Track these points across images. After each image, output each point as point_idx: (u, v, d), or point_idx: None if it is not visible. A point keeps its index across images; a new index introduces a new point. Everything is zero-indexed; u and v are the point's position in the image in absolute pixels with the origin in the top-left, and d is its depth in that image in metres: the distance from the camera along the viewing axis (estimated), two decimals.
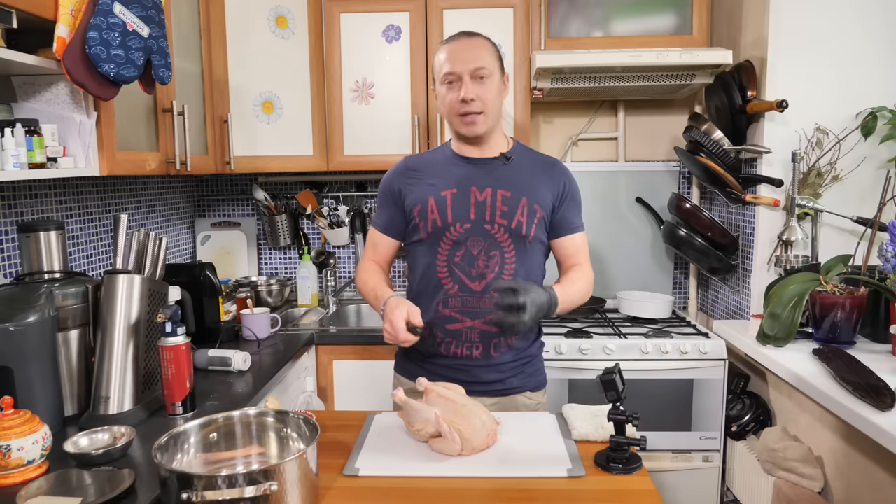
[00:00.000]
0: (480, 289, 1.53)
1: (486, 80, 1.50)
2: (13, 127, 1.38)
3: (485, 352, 1.55)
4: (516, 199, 1.53)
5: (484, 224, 1.52)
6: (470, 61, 1.49)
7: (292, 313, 2.62)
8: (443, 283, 1.54)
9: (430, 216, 1.54)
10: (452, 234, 1.53)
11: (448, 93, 1.52)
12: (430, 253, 1.56)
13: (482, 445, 1.25)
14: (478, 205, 1.53)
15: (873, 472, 1.56)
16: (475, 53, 1.50)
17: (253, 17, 2.38)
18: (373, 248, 1.67)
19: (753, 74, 2.21)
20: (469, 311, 1.54)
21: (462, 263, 1.53)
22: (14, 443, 1.15)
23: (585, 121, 2.79)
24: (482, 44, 1.53)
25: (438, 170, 1.59)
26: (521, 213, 1.53)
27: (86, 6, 1.42)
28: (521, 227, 1.53)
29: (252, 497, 0.94)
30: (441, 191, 1.55)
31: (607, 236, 2.78)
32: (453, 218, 1.53)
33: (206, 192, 2.89)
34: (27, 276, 1.49)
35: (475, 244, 1.53)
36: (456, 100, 1.51)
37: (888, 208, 2.08)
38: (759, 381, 2.22)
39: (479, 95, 1.50)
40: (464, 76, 1.49)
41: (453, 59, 1.50)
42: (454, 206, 1.53)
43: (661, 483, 2.25)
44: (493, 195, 1.53)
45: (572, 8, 2.44)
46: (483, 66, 1.49)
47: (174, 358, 1.48)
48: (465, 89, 1.49)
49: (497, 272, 1.53)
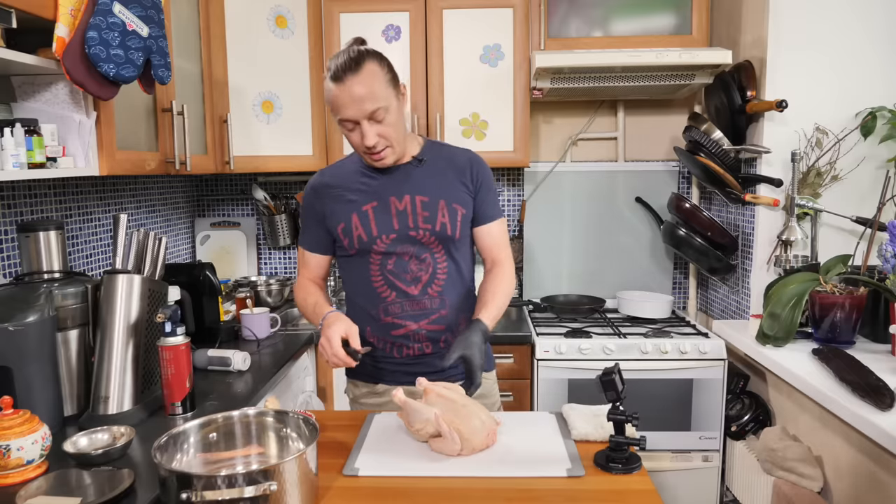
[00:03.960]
0: (418, 292, 1.53)
1: (385, 116, 1.42)
2: (13, 127, 1.38)
3: (435, 347, 1.57)
4: (434, 203, 1.52)
5: (409, 231, 1.52)
6: (362, 104, 1.38)
7: (292, 313, 2.62)
8: (379, 292, 1.54)
9: (354, 232, 1.52)
10: (380, 247, 1.52)
11: (349, 133, 1.45)
12: (361, 265, 1.55)
13: (482, 446, 1.25)
14: (399, 214, 1.51)
15: (873, 472, 1.56)
16: (366, 92, 1.38)
17: (252, 17, 2.38)
18: (305, 267, 1.64)
19: (753, 74, 2.21)
20: (410, 315, 1.54)
21: (396, 271, 1.53)
22: (13, 443, 1.15)
23: (585, 121, 2.79)
24: (370, 74, 1.39)
25: (354, 183, 1.55)
26: (442, 214, 1.52)
27: (85, 6, 1.42)
28: (446, 228, 1.52)
29: (252, 497, 0.94)
30: (362, 206, 1.52)
31: (607, 236, 2.78)
32: (378, 231, 1.51)
33: (205, 192, 2.89)
34: (27, 276, 1.49)
35: (405, 251, 1.52)
36: (359, 143, 1.45)
37: (888, 208, 2.08)
38: (759, 381, 2.22)
39: (382, 134, 1.42)
40: (361, 122, 1.41)
41: (345, 105, 1.39)
42: (377, 219, 1.52)
43: (661, 483, 2.25)
44: (413, 202, 1.52)
45: (572, 8, 2.44)
46: (378, 107, 1.39)
47: (174, 358, 1.48)
48: (366, 137, 1.41)
49: (431, 272, 1.54)
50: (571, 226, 2.80)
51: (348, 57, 1.40)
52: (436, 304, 1.55)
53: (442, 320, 1.56)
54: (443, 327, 1.56)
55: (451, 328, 1.57)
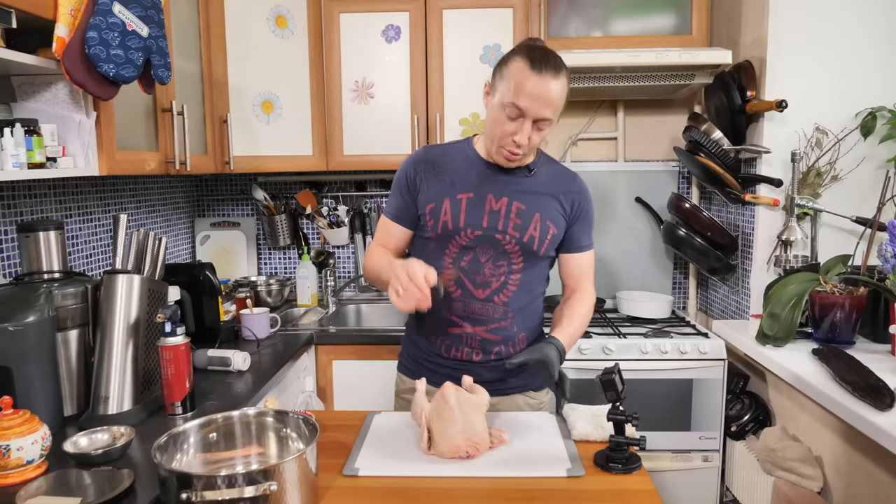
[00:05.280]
0: (484, 297, 1.51)
1: (546, 128, 1.41)
2: (12, 127, 1.38)
3: (485, 357, 1.54)
4: (530, 214, 1.49)
5: (496, 233, 1.49)
6: (542, 107, 1.36)
7: (292, 313, 2.62)
8: (446, 285, 1.52)
9: (441, 217, 1.49)
10: (462, 239, 1.49)
11: (504, 120, 1.40)
12: (437, 252, 1.52)
13: (450, 454, 1.23)
14: (492, 213, 1.49)
15: (873, 472, 1.56)
16: (551, 99, 1.37)
17: (252, 17, 2.38)
18: (385, 234, 1.59)
19: (753, 74, 2.21)
20: (470, 318, 1.52)
21: (468, 269, 1.50)
22: (13, 443, 1.15)
23: (585, 121, 2.79)
24: (563, 86, 1.38)
25: (459, 170, 1.53)
26: (535, 227, 1.50)
27: (85, 6, 1.42)
28: (533, 241, 1.50)
29: (251, 497, 0.94)
30: (458, 193, 1.50)
31: (607, 236, 2.78)
32: (465, 223, 1.49)
33: (205, 192, 2.89)
34: (26, 276, 1.49)
35: (483, 251, 1.50)
36: (508, 133, 1.40)
37: (887, 208, 2.08)
38: (759, 381, 2.22)
39: (532, 139, 1.41)
40: (528, 119, 1.38)
41: (529, 98, 1.35)
42: (468, 211, 1.49)
43: (661, 483, 2.25)
44: (509, 206, 1.49)
45: (572, 8, 2.44)
46: (549, 118, 1.38)
47: (174, 358, 1.48)
48: (521, 134, 1.39)
49: (503, 281, 1.51)
50: None
51: (552, 55, 1.38)
52: (498, 314, 1.52)
53: (500, 331, 1.53)
54: (499, 338, 1.53)
55: (507, 342, 1.54)
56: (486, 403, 1.30)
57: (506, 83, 1.38)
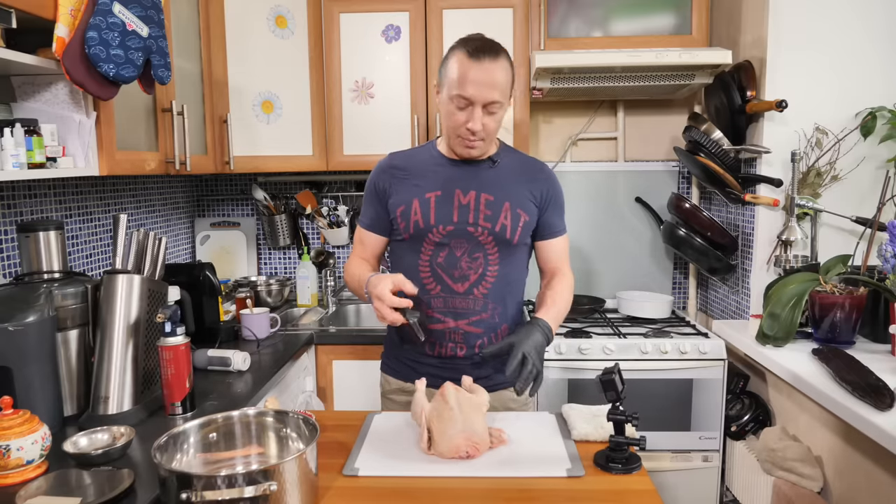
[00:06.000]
0: (463, 290, 1.53)
1: (497, 111, 1.44)
2: (12, 127, 1.38)
3: (469, 351, 1.56)
4: (499, 204, 1.52)
5: (467, 226, 1.51)
6: (487, 92, 1.40)
7: (292, 313, 2.62)
8: (425, 283, 1.53)
9: (412, 218, 1.52)
10: (435, 236, 1.52)
11: (455, 112, 1.44)
12: (412, 252, 1.55)
13: (450, 454, 1.24)
14: (461, 207, 1.52)
15: (873, 472, 1.56)
16: (494, 81, 1.40)
17: (252, 17, 2.38)
18: (360, 245, 1.65)
19: (753, 74, 2.21)
20: (452, 312, 1.53)
21: (445, 264, 1.52)
22: (13, 443, 1.15)
23: (585, 121, 2.79)
24: (502, 69, 1.42)
25: (424, 170, 1.56)
26: (505, 216, 1.52)
27: (85, 6, 1.42)
28: (506, 230, 1.52)
29: (251, 497, 0.94)
30: (426, 192, 1.53)
31: (607, 236, 2.78)
32: (436, 220, 1.51)
33: (205, 192, 2.89)
34: (26, 276, 1.49)
35: (458, 245, 1.52)
36: (461, 123, 1.44)
37: (887, 208, 2.08)
38: (759, 381, 2.22)
39: (486, 125, 1.44)
40: (476, 106, 1.42)
41: (471, 85, 1.40)
42: (437, 208, 1.52)
43: (661, 483, 2.25)
44: (477, 198, 1.52)
45: (572, 8, 2.44)
46: (497, 100, 1.42)
47: (174, 358, 1.48)
48: (474, 121, 1.42)
49: (480, 273, 1.53)
50: (571, 226, 2.76)
51: (489, 42, 1.44)
52: (479, 306, 1.54)
53: (482, 323, 1.54)
54: (481, 330, 1.55)
55: (489, 333, 1.56)
56: (486, 403, 1.31)
57: (449, 77, 1.44)
